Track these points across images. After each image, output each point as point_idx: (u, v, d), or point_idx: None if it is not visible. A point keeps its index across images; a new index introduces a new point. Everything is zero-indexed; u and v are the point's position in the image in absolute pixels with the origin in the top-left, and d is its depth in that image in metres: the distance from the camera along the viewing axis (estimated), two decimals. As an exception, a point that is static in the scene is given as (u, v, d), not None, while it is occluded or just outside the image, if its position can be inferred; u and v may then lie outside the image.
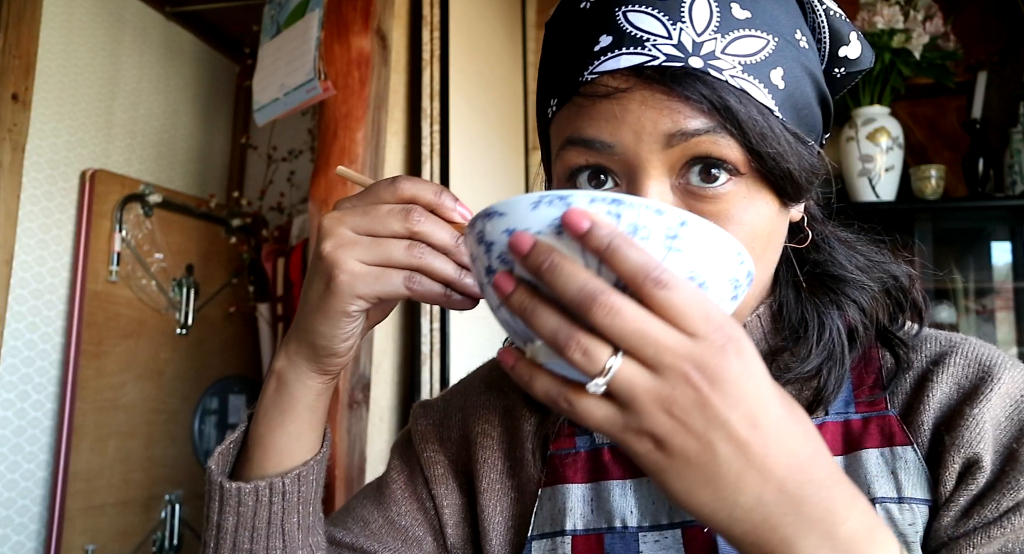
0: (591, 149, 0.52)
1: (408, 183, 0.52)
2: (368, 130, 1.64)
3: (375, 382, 1.64)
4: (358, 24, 1.67)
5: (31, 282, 1.90)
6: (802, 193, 0.55)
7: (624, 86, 0.50)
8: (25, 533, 1.85)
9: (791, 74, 0.52)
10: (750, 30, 0.51)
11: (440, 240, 0.52)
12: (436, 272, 0.52)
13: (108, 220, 2.06)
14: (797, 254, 0.62)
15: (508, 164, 2.19)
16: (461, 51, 1.91)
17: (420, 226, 0.51)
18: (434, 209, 0.52)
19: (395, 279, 0.51)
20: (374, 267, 0.51)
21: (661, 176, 0.51)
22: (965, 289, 2.19)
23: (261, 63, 1.83)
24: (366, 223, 0.51)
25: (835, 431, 0.59)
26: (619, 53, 0.51)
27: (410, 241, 0.51)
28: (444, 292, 0.52)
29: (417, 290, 0.52)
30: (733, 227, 0.51)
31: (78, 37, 2.06)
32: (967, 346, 0.61)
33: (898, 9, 1.98)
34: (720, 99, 0.49)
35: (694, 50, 0.49)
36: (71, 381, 1.95)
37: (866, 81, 2.02)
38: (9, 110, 1.78)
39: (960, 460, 0.55)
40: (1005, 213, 2.10)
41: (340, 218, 0.52)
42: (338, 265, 0.51)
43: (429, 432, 0.72)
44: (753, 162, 0.51)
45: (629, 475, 0.63)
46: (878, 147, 2.00)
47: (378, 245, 0.51)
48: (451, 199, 0.53)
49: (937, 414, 0.58)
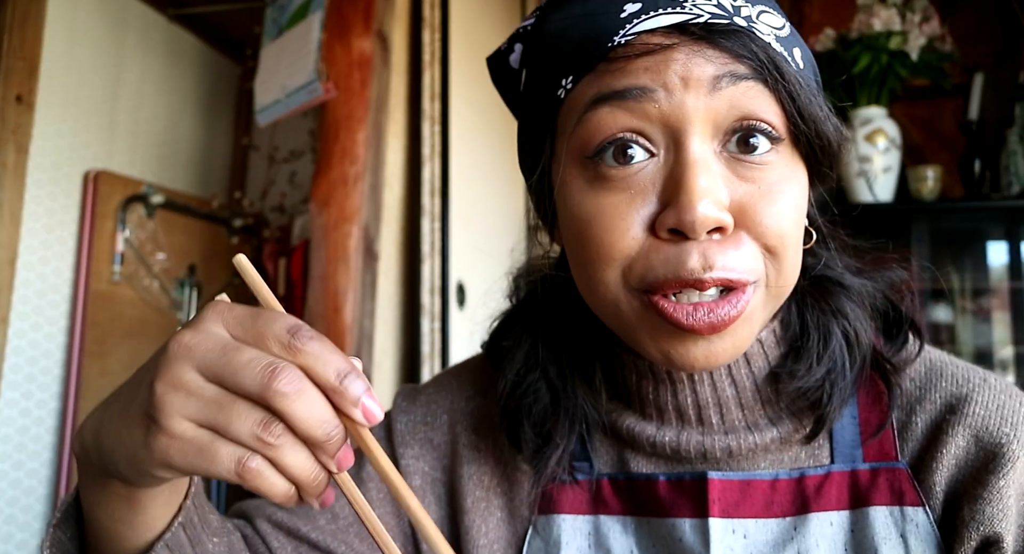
0: (626, 100, 0.47)
1: (311, 346, 0.38)
2: (369, 131, 1.66)
3: (375, 382, 1.65)
4: (359, 26, 1.68)
5: (35, 282, 1.91)
6: (833, 165, 0.52)
7: (667, 42, 0.46)
8: (29, 531, 1.86)
9: (806, 58, 0.52)
10: (770, 8, 0.50)
11: (308, 430, 0.37)
12: (286, 468, 0.38)
13: (111, 220, 2.08)
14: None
15: (508, 165, 2.20)
16: (462, 52, 1.93)
17: (288, 404, 0.37)
18: (330, 394, 0.38)
19: (224, 458, 0.37)
20: (204, 431, 0.38)
21: (706, 135, 0.47)
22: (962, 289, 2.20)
23: (263, 65, 1.85)
24: (219, 366, 0.38)
25: (842, 483, 0.56)
26: (655, 14, 0.47)
27: (267, 415, 0.37)
28: (287, 491, 0.39)
29: (250, 482, 0.38)
30: (781, 199, 0.48)
31: (81, 39, 2.08)
32: (986, 393, 0.56)
33: (895, 11, 2.00)
34: (770, 58, 0.47)
35: (735, 12, 0.48)
36: (74, 380, 1.96)
37: (863, 83, 2.03)
38: (13, 111, 1.79)
39: (978, 538, 0.51)
40: (1001, 214, 2.12)
41: (188, 347, 0.38)
42: (159, 420, 0.38)
43: (409, 433, 0.67)
44: (793, 126, 0.48)
45: (630, 511, 0.59)
46: (875, 148, 2.02)
47: (219, 406, 0.37)
48: (360, 388, 0.38)
49: (953, 473, 0.54)
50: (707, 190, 0.46)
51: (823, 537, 0.54)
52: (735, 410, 0.57)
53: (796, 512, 0.56)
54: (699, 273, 0.47)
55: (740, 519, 0.56)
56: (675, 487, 0.58)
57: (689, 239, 0.47)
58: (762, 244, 0.48)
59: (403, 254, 1.78)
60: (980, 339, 2.19)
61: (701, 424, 0.58)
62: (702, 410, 0.57)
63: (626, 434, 0.60)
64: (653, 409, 0.59)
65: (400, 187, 1.78)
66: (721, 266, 0.47)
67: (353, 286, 1.60)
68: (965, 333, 2.17)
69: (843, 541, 0.54)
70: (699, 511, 0.56)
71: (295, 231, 2.24)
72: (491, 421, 0.65)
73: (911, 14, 2.00)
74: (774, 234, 0.48)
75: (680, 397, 0.57)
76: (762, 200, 0.48)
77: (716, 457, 0.57)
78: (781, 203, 0.48)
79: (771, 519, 0.56)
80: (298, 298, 2.01)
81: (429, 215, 1.77)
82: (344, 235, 1.61)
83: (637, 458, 0.60)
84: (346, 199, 1.62)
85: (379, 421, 0.38)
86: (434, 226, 1.77)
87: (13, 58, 1.79)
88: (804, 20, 2.33)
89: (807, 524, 0.55)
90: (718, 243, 0.47)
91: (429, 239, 1.76)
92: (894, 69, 2.00)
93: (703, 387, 0.57)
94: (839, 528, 0.55)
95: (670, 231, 0.47)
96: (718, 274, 0.47)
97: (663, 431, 0.58)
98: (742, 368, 0.57)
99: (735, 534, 0.55)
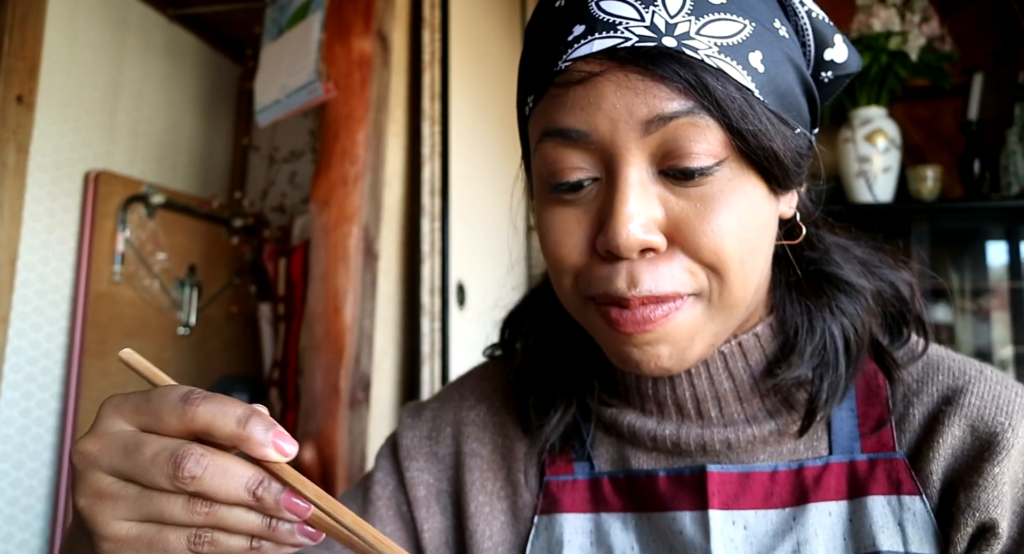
0: (567, 139, 0.50)
1: (205, 405, 0.38)
2: (369, 131, 1.66)
3: (376, 381, 1.65)
4: (359, 26, 1.68)
5: (35, 282, 1.91)
6: (790, 178, 0.52)
7: (597, 69, 0.49)
8: (30, 530, 1.87)
9: (771, 59, 0.50)
10: (725, 14, 0.49)
11: (233, 499, 0.38)
12: (231, 526, 0.39)
13: (111, 221, 2.08)
14: (791, 253, 0.60)
15: (508, 165, 2.20)
16: (462, 53, 1.93)
17: (201, 485, 0.37)
18: (239, 445, 0.38)
19: (175, 543, 0.38)
20: (144, 526, 0.38)
21: (640, 163, 0.49)
22: (961, 289, 2.20)
23: (263, 65, 1.85)
24: (127, 469, 0.38)
25: (840, 474, 0.57)
26: (592, 38, 0.49)
27: (190, 497, 0.38)
28: (249, 545, 0.39)
29: (207, 552, 0.39)
30: (719, 215, 0.49)
31: (82, 39, 2.08)
32: (982, 384, 0.57)
33: (895, 11, 2.00)
34: (696, 77, 0.47)
35: (667, 31, 0.48)
36: (75, 380, 1.96)
37: (863, 83, 2.03)
38: (13, 112, 1.79)
39: (974, 523, 0.52)
40: (1001, 214, 2.12)
41: (94, 458, 0.38)
42: (95, 529, 0.38)
43: (415, 447, 0.69)
44: (736, 142, 0.49)
45: (630, 508, 0.60)
46: (875, 148, 2.02)
47: (147, 500, 0.38)
48: (263, 428, 0.38)
49: (949, 462, 0.54)
50: (634, 215, 0.48)
51: (822, 527, 0.55)
52: (733, 403, 0.59)
53: (795, 503, 0.57)
54: (624, 291, 0.50)
55: (740, 511, 0.57)
56: (675, 482, 0.59)
57: (621, 259, 0.50)
58: (698, 261, 0.50)
59: (403, 254, 1.78)
60: (980, 339, 2.19)
61: (700, 418, 0.59)
62: (700, 404, 0.59)
63: (627, 431, 0.61)
64: (653, 404, 0.61)
65: (400, 187, 1.78)
66: (647, 284, 0.50)
67: (353, 286, 1.60)
68: (965, 333, 2.18)
69: (842, 530, 0.55)
70: (699, 504, 0.57)
71: (295, 231, 2.24)
72: (493, 427, 0.67)
73: (911, 14, 2.00)
74: (709, 250, 0.50)
75: (679, 391, 0.59)
76: (697, 218, 0.49)
77: (715, 450, 0.59)
78: (719, 219, 0.49)
79: (770, 510, 0.57)
80: (298, 298, 2.01)
81: (429, 215, 1.77)
82: (344, 235, 1.61)
83: (637, 454, 0.62)
84: (346, 199, 1.62)
85: (294, 452, 0.39)
86: (434, 226, 1.77)
87: (13, 58, 1.79)
88: (804, 20, 2.32)
89: (806, 514, 0.56)
90: (649, 261, 0.50)
91: (429, 239, 1.76)
92: (894, 69, 2.00)
93: (700, 381, 0.59)
94: (838, 518, 0.56)
95: (606, 251, 0.50)
96: (644, 292, 0.49)
97: (663, 425, 0.60)
98: (739, 361, 0.58)
99: (735, 525, 0.56)
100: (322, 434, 1.55)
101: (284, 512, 0.39)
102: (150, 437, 0.39)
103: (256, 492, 0.38)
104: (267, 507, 0.38)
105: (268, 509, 0.38)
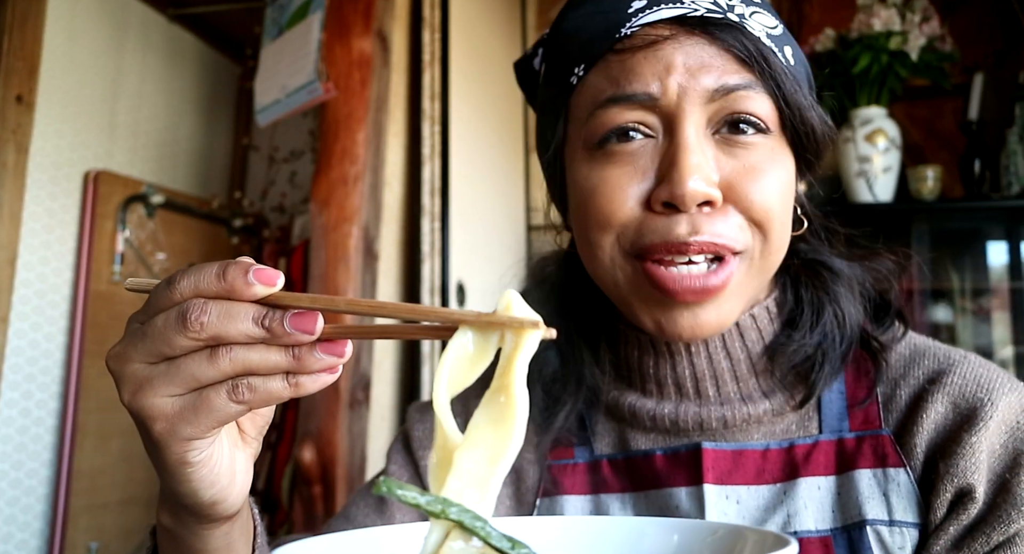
0: (633, 103, 0.54)
1: (184, 279, 0.40)
2: (369, 131, 1.66)
3: (376, 381, 1.65)
4: (359, 26, 1.68)
5: (35, 282, 1.91)
6: (820, 156, 0.59)
7: (666, 33, 0.53)
8: (29, 530, 1.86)
9: (797, 57, 0.57)
10: (764, 10, 0.57)
11: (240, 332, 0.39)
12: (259, 368, 0.40)
13: (111, 220, 2.08)
14: (791, 243, 0.63)
15: (508, 164, 2.20)
16: (461, 53, 1.93)
17: (211, 325, 0.38)
18: (226, 295, 0.39)
19: (217, 401, 0.40)
20: (188, 396, 0.40)
21: (700, 124, 0.54)
22: (962, 289, 2.20)
23: (263, 65, 1.85)
24: (151, 346, 0.40)
25: (829, 451, 0.60)
26: (658, 8, 0.54)
27: (208, 348, 0.39)
28: (285, 384, 0.40)
29: (251, 399, 0.40)
30: (766, 177, 0.54)
31: (81, 39, 2.08)
32: (965, 365, 0.60)
33: (895, 11, 2.00)
34: (757, 50, 0.53)
35: (728, 9, 0.54)
36: (74, 380, 1.96)
37: (863, 83, 2.03)
38: (13, 111, 1.79)
39: (953, 489, 0.55)
40: (1001, 214, 2.12)
41: (122, 354, 0.41)
42: (146, 414, 0.40)
43: (427, 438, 0.71)
44: (783, 115, 0.55)
45: (628, 488, 0.63)
46: (875, 148, 2.02)
47: (177, 368, 0.39)
48: (242, 272, 0.39)
49: (932, 436, 0.57)
50: (697, 167, 0.52)
51: (811, 500, 0.58)
52: (730, 382, 0.62)
53: (786, 478, 0.60)
54: (685, 237, 0.53)
55: (733, 486, 0.60)
56: (671, 459, 0.62)
57: (680, 212, 0.53)
58: (748, 217, 0.54)
59: (403, 254, 1.78)
60: (980, 339, 2.19)
61: (698, 396, 0.62)
62: (699, 382, 0.62)
63: (627, 411, 0.64)
64: (653, 384, 0.63)
65: (400, 187, 1.78)
66: (708, 232, 0.53)
67: (353, 286, 1.60)
68: (965, 333, 2.17)
69: (830, 503, 0.58)
70: (694, 479, 0.60)
71: (295, 231, 2.24)
72: None
73: (911, 14, 2.00)
74: (760, 208, 0.54)
75: (679, 370, 0.62)
76: (748, 176, 0.54)
77: (712, 427, 0.62)
78: (766, 180, 0.54)
79: (762, 485, 0.60)
80: (298, 298, 2.01)
81: (429, 215, 1.77)
82: (344, 235, 1.61)
83: (636, 435, 0.65)
84: (346, 199, 1.62)
85: (279, 280, 0.39)
86: (434, 226, 1.77)
87: (13, 58, 1.79)
88: (804, 20, 2.32)
89: (796, 488, 0.59)
90: (707, 215, 0.53)
91: (429, 239, 1.76)
92: (894, 69, 2.00)
93: (700, 359, 0.61)
94: (826, 491, 0.59)
95: (664, 204, 0.53)
96: (704, 238, 0.53)
97: (662, 404, 0.63)
98: (736, 341, 0.61)
99: (728, 500, 0.60)
100: (322, 434, 1.55)
101: (295, 333, 0.39)
102: (159, 315, 0.40)
103: (264, 323, 0.39)
104: (278, 334, 0.39)
105: (279, 336, 0.39)
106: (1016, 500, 0.53)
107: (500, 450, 0.35)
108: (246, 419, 0.47)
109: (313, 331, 0.39)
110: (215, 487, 0.44)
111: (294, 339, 0.39)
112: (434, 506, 0.34)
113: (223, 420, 0.41)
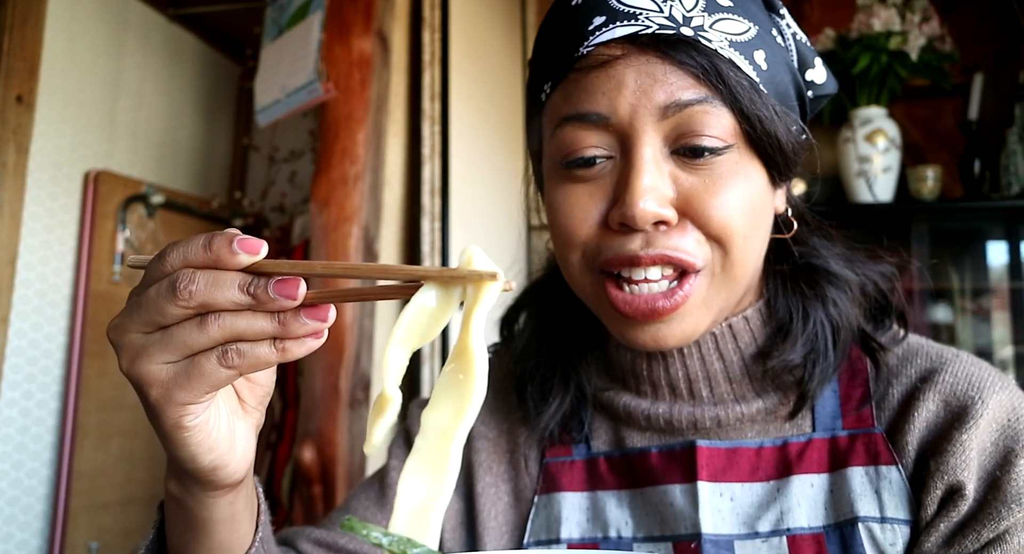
0: (587, 122, 0.54)
1: (173, 251, 0.42)
2: (369, 131, 1.66)
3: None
4: (359, 26, 1.68)
5: (35, 282, 1.91)
6: (789, 166, 0.58)
7: (619, 53, 0.53)
8: (29, 530, 1.86)
9: (772, 60, 0.56)
10: (733, 15, 0.55)
11: (227, 300, 0.40)
12: (247, 333, 0.41)
13: (111, 220, 2.08)
14: (782, 246, 0.64)
15: (508, 164, 2.20)
16: (461, 53, 1.93)
17: (198, 293, 0.40)
18: (213, 264, 0.41)
19: (208, 365, 0.41)
20: (181, 362, 0.42)
21: (655, 143, 0.54)
22: (962, 289, 2.20)
23: (263, 65, 1.85)
24: (145, 316, 0.42)
25: (822, 448, 0.61)
26: (613, 26, 0.54)
27: (198, 316, 0.41)
28: (273, 349, 0.41)
29: (240, 364, 0.41)
30: (726, 192, 0.54)
31: (81, 39, 2.08)
32: (957, 364, 0.61)
33: (895, 11, 2.00)
34: (711, 64, 0.52)
35: (684, 22, 0.53)
36: (75, 380, 1.96)
37: (863, 83, 2.03)
38: (14, 111, 1.79)
39: (943, 486, 0.56)
40: (1001, 214, 2.12)
41: (121, 325, 0.43)
42: (142, 381, 0.42)
43: None
44: (743, 127, 0.54)
45: (624, 485, 0.64)
46: (875, 148, 2.02)
47: (169, 336, 0.41)
48: (227, 243, 0.40)
49: (923, 434, 0.58)
50: (649, 189, 0.53)
51: (804, 497, 0.59)
52: (723, 383, 0.63)
53: (779, 476, 0.60)
54: (637, 251, 0.54)
55: (727, 483, 0.61)
56: (666, 457, 0.63)
57: (635, 231, 0.54)
58: (706, 233, 0.55)
59: (403, 254, 1.78)
60: (980, 339, 2.19)
61: (692, 397, 0.63)
62: (692, 383, 0.63)
63: (622, 411, 0.65)
64: (648, 385, 0.64)
65: (400, 187, 1.78)
66: (661, 246, 0.54)
67: (353, 285, 1.60)
68: (965, 333, 2.17)
69: (823, 500, 0.59)
70: (688, 477, 0.61)
71: (295, 231, 2.24)
72: (499, 413, 0.72)
73: (911, 14, 2.00)
74: (718, 223, 0.54)
75: (672, 372, 0.63)
76: (707, 192, 0.54)
77: (706, 427, 0.62)
78: (727, 195, 0.54)
79: (756, 483, 0.61)
80: (298, 298, 2.01)
81: (429, 215, 1.77)
82: (344, 235, 1.61)
83: (632, 434, 0.65)
84: (346, 199, 1.62)
85: (263, 248, 0.41)
86: (434, 226, 1.77)
87: (13, 58, 1.79)
88: (804, 20, 2.32)
89: (789, 486, 0.59)
90: (663, 232, 0.54)
91: (429, 239, 1.76)
92: (894, 69, 2.00)
93: (693, 362, 0.62)
94: (819, 489, 0.59)
95: (620, 224, 0.54)
96: (656, 251, 0.54)
97: (657, 405, 0.64)
98: (729, 344, 0.62)
99: (722, 497, 0.60)
100: (322, 434, 1.55)
101: (279, 299, 0.40)
102: (152, 286, 0.42)
103: (249, 289, 0.40)
104: (263, 300, 0.40)
105: (264, 302, 0.40)
106: (1006, 497, 0.54)
107: (462, 407, 0.38)
108: (245, 388, 0.48)
109: (296, 296, 0.40)
110: (214, 452, 0.45)
111: (278, 305, 0.40)
112: (397, 546, 0.35)
113: (215, 385, 0.42)
